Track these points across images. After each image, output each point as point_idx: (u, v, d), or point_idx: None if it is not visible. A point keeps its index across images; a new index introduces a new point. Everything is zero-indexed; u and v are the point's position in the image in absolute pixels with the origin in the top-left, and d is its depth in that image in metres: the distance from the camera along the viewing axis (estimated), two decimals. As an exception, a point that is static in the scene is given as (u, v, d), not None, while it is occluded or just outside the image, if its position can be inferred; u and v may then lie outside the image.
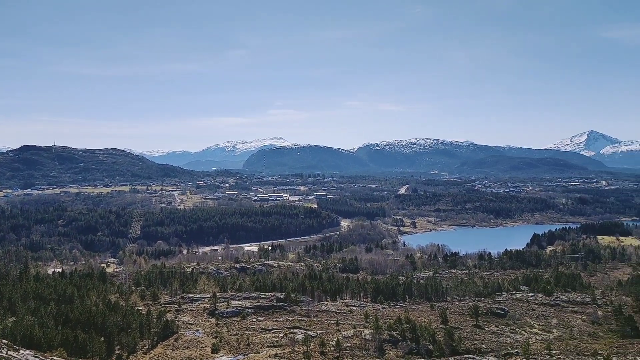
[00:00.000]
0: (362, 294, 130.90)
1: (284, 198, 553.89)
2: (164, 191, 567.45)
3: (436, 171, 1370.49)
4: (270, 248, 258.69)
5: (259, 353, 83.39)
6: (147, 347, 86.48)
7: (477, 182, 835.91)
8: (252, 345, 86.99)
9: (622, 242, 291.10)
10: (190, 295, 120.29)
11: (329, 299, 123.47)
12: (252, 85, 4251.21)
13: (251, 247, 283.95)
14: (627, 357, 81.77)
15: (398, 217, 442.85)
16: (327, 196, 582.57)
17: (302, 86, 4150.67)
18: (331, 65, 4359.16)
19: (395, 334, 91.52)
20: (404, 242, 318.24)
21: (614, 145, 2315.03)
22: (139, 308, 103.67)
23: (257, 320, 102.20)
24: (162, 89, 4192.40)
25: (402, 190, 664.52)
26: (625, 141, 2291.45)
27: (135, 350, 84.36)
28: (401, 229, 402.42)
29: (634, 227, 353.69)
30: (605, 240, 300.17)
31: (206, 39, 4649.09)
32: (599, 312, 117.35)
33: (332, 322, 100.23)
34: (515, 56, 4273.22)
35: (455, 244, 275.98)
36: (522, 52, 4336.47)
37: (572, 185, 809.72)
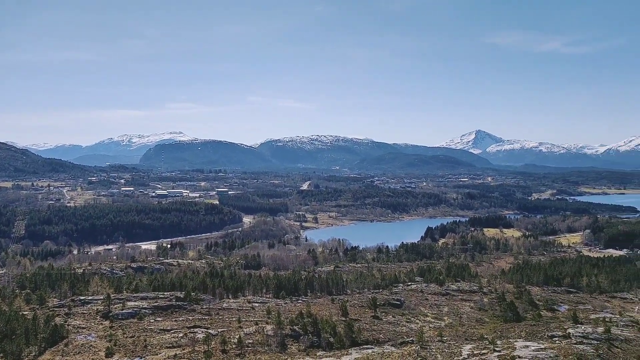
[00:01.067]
0: (264, 290, 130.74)
1: (184, 194, 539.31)
2: (51, 187, 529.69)
3: (337, 167, 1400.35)
4: (169, 246, 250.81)
5: (157, 355, 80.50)
6: (33, 354, 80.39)
7: (376, 178, 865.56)
8: (149, 347, 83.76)
9: (505, 233, 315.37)
10: (82, 298, 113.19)
11: (230, 297, 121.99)
12: (150, 77, 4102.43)
13: (149, 246, 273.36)
14: (509, 339, 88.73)
15: (300, 213, 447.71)
16: (229, 192, 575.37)
17: (203, 80, 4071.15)
18: (233, 60, 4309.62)
19: (297, 329, 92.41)
20: (306, 238, 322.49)
21: (498, 144, 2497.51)
22: (24, 313, 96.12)
23: (155, 321, 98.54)
24: (50, 78, 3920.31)
25: (305, 186, 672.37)
26: (507, 140, 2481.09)
27: (20, 358, 78.11)
28: (303, 224, 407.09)
29: (515, 220, 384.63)
30: (490, 232, 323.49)
31: (99, 27, 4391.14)
32: (485, 300, 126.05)
33: (233, 319, 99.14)
34: (410, 58, 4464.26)
35: (355, 238, 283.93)
36: (416, 54, 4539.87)
37: (461, 181, 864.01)
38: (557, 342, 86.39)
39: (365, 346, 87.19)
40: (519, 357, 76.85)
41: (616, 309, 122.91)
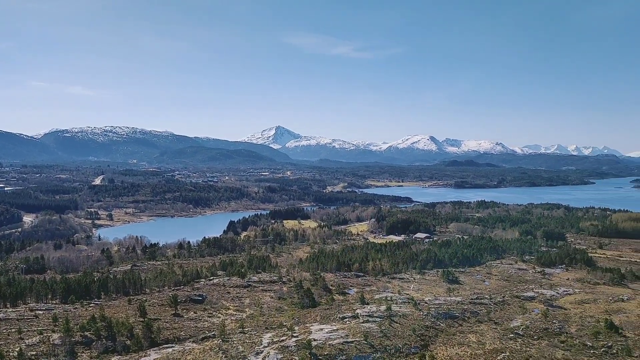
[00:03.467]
0: (50, 296, 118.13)
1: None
2: None
3: (135, 161, 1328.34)
4: None
5: None
6: None
7: (177, 172, 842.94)
8: None
9: (303, 225, 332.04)
10: None
11: (9, 305, 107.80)
12: None
13: None
14: (306, 324, 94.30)
15: (93, 210, 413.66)
16: (6, 188, 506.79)
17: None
18: (9, 39, 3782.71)
19: (89, 334, 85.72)
20: (100, 236, 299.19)
21: (296, 140, 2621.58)
22: None
23: None
24: None
25: (97, 181, 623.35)
26: (305, 136, 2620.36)
27: None
28: (96, 222, 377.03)
29: (312, 212, 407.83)
30: (289, 224, 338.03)
31: None
32: (284, 289, 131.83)
33: (12, 330, 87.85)
34: (210, 51, 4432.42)
35: (155, 234, 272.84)
36: (217, 48, 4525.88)
37: (263, 175, 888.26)
38: (347, 322, 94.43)
39: (166, 345, 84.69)
40: (315, 339, 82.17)
41: (396, 289, 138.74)
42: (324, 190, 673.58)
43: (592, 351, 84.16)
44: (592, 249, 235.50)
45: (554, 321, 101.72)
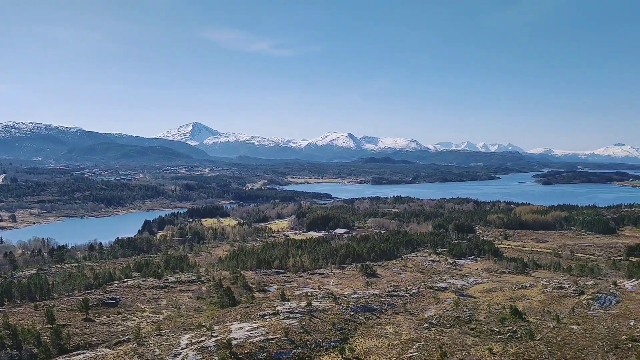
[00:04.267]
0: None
1: None
2: None
3: (40, 158, 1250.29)
4: None
5: None
6: None
7: (87, 170, 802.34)
8: None
9: (222, 223, 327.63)
10: None
11: None
12: None
13: None
14: (226, 323, 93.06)
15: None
16: None
17: None
18: None
19: (-10, 345, 79.71)
20: (1, 239, 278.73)
21: (214, 136, 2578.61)
22: None
23: None
24: None
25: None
26: (224, 133, 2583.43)
27: None
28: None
29: (231, 209, 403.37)
30: (208, 222, 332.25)
31: None
32: (203, 288, 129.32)
33: None
34: (123, 44, 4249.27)
35: (63, 236, 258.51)
36: (130, 40, 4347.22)
37: (180, 172, 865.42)
38: (268, 319, 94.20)
39: (76, 352, 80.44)
40: (235, 338, 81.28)
41: (316, 284, 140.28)
42: (244, 188, 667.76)
43: (498, 336, 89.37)
44: (499, 240, 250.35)
45: (465, 309, 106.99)
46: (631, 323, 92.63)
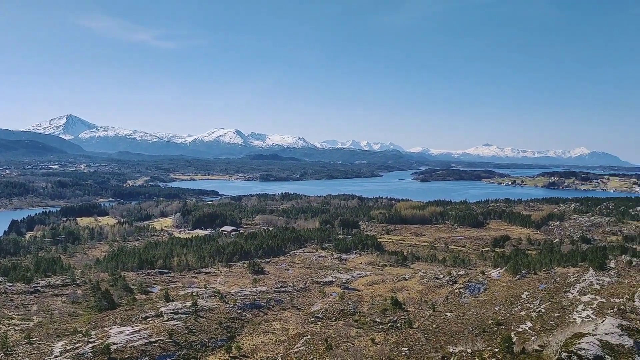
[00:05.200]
0: None
1: None
2: None
3: None
4: None
5: None
6: None
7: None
8: None
9: (100, 222, 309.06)
10: None
11: None
12: None
13: None
14: (105, 328, 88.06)
15: None
16: None
17: None
18: None
19: None
20: None
21: (91, 130, 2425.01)
22: None
23: None
24: None
25: None
26: (102, 127, 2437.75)
27: None
28: None
29: (110, 208, 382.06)
30: (84, 221, 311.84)
31: None
32: (79, 292, 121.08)
33: None
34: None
35: None
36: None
37: (52, 168, 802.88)
38: (150, 322, 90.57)
39: None
40: (114, 343, 77.17)
41: (202, 283, 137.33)
42: (124, 185, 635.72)
43: (380, 326, 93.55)
44: (381, 234, 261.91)
45: (349, 302, 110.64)
46: (496, 308, 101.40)
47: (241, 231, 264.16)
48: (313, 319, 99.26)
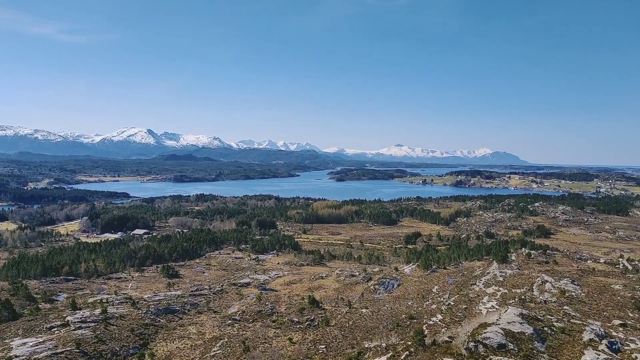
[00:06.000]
0: None
1: None
2: None
3: None
4: None
5: None
6: None
7: None
8: None
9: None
10: None
11: None
12: None
13: None
14: (6, 340, 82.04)
15: None
16: None
17: None
18: None
19: None
20: None
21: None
22: None
23: None
24: None
25: None
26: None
27: None
28: None
29: (10, 212, 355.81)
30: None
31: None
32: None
33: None
34: None
35: None
36: None
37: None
38: (56, 332, 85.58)
39: None
40: (17, 356, 72.26)
41: (112, 289, 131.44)
42: (25, 187, 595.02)
43: (298, 326, 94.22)
44: (298, 234, 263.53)
45: (267, 303, 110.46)
46: (409, 303, 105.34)
47: (154, 234, 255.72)
48: (230, 322, 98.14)
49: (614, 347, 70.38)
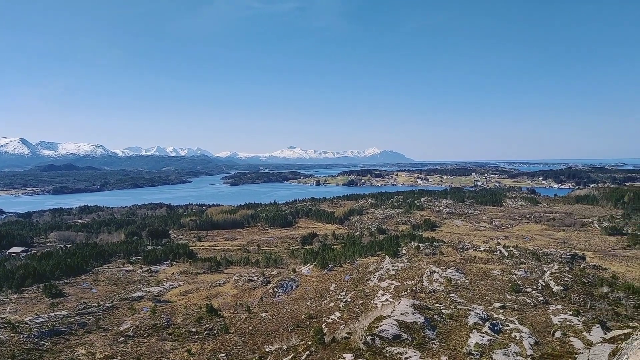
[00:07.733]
0: None
1: None
2: None
3: None
4: None
5: None
6: None
7: None
8: None
9: None
10: None
11: None
12: None
13: None
14: None
15: None
16: None
17: None
18: None
19: None
20: None
21: None
22: None
23: None
24: None
25: None
26: None
27: None
28: None
29: None
30: None
31: None
32: None
33: None
34: None
35: None
36: None
37: None
38: None
39: None
40: None
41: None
42: None
43: (196, 336, 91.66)
44: (193, 242, 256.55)
45: (162, 316, 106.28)
46: (308, 303, 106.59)
47: (33, 251, 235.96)
48: (123, 339, 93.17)
49: (495, 328, 76.26)
